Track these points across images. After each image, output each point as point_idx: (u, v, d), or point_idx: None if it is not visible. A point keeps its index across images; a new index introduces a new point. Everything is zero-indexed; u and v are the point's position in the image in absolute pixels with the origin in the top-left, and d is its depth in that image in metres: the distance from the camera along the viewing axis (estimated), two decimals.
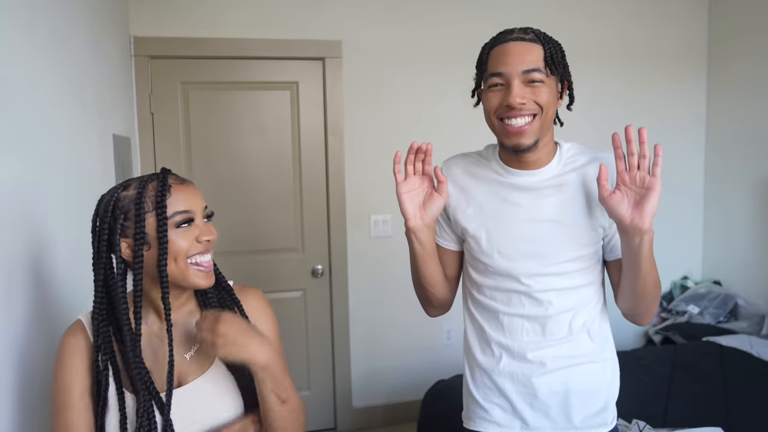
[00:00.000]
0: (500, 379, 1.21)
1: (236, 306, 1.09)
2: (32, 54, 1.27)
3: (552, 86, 1.12)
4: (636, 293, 1.13)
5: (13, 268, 1.11)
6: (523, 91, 1.09)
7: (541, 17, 3.01)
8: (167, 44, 2.61)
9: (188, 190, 1.00)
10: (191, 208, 0.99)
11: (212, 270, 1.02)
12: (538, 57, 1.10)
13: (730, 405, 2.11)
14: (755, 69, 3.01)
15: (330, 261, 2.89)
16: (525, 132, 1.11)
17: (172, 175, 1.01)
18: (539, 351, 1.18)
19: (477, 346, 1.25)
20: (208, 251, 1.01)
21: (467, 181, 1.24)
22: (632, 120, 3.20)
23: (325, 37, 2.78)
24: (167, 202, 0.96)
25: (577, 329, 1.18)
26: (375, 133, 2.88)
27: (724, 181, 3.24)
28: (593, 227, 1.16)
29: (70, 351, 0.99)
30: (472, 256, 1.23)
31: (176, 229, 0.97)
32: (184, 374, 1.02)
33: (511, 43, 1.12)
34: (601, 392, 1.21)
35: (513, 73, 1.10)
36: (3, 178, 1.08)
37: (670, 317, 3.21)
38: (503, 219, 1.18)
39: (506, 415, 1.21)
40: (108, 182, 1.96)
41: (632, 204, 1.05)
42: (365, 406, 2.99)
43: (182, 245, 0.97)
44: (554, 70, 1.12)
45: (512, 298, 1.19)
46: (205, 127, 2.72)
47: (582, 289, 1.18)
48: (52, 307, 1.31)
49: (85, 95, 1.71)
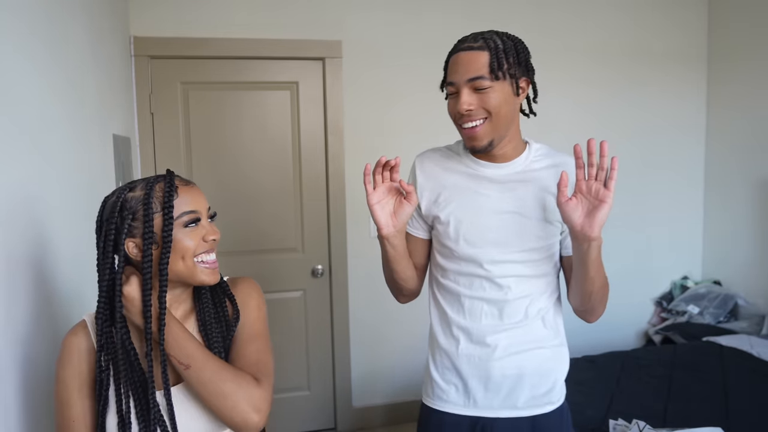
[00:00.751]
0: (458, 361, 1.31)
1: (228, 299, 1.11)
2: (32, 54, 1.27)
3: (502, 89, 1.19)
4: (584, 293, 1.22)
5: (12, 269, 1.11)
6: (470, 98, 1.19)
7: (541, 18, 3.01)
8: (167, 44, 2.61)
9: (193, 192, 1.04)
10: (197, 209, 1.03)
11: (217, 267, 1.05)
12: (483, 64, 1.17)
13: (730, 405, 2.11)
14: (755, 69, 3.01)
15: (330, 261, 2.89)
16: (477, 135, 1.21)
17: (176, 176, 1.03)
18: (496, 335, 1.28)
19: (440, 330, 1.35)
20: (214, 250, 1.05)
21: (439, 172, 1.33)
22: (633, 119, 3.21)
23: (325, 37, 2.78)
24: (174, 203, 0.99)
25: (532, 315, 1.28)
26: (375, 133, 2.88)
27: (724, 181, 3.25)
28: (551, 222, 1.26)
29: (71, 350, 1.01)
30: (439, 242, 1.33)
31: (183, 229, 1.00)
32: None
33: (461, 52, 1.20)
34: (549, 375, 1.31)
35: (460, 82, 1.19)
36: (3, 178, 1.08)
37: (670, 317, 3.21)
38: (471, 208, 1.27)
39: (460, 395, 1.32)
40: (108, 182, 1.96)
41: (585, 212, 1.12)
42: (365, 406, 2.99)
43: (189, 244, 1.01)
44: (501, 75, 1.18)
45: (474, 282, 1.28)
46: (205, 127, 2.72)
47: (539, 279, 1.29)
48: (54, 307, 1.31)
49: (85, 95, 1.71)
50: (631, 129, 3.21)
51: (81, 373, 1.00)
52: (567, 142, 3.09)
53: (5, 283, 1.07)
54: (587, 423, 2.00)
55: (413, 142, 2.87)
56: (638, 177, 3.24)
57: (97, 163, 1.81)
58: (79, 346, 1.02)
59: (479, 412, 1.31)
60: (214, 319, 1.08)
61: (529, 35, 3.01)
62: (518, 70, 1.21)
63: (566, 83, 3.08)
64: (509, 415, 1.30)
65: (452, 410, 1.33)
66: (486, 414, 1.31)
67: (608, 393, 2.24)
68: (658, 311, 3.33)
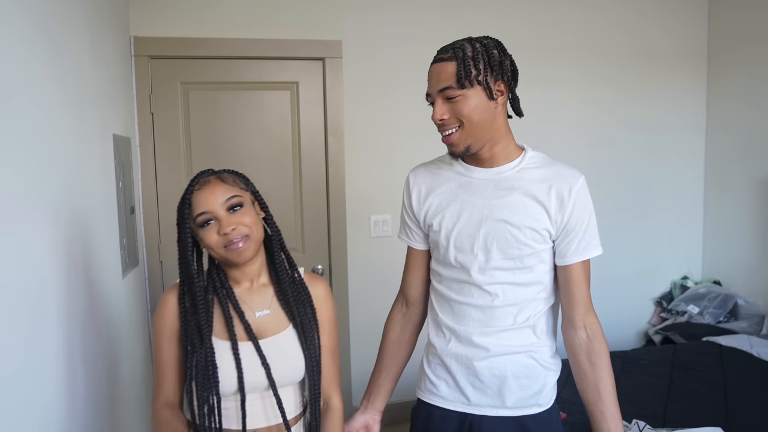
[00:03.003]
0: (447, 358, 1.35)
1: (304, 293, 1.29)
2: (32, 54, 1.27)
3: (473, 96, 1.21)
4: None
5: (11, 269, 1.11)
6: (443, 108, 1.23)
7: (541, 18, 3.02)
8: (167, 44, 2.61)
9: (205, 192, 1.18)
10: (208, 209, 1.17)
11: (242, 248, 1.18)
12: (450, 75, 1.20)
13: (730, 405, 2.11)
14: (755, 68, 3.01)
15: (330, 261, 2.90)
16: (452, 141, 1.25)
17: (204, 175, 1.21)
18: (484, 337, 1.30)
19: (432, 329, 1.41)
20: (235, 237, 1.17)
21: (431, 183, 1.37)
22: (633, 120, 3.21)
23: (325, 37, 2.78)
24: (191, 208, 1.18)
25: (521, 323, 1.29)
26: (375, 133, 2.88)
27: (724, 181, 3.25)
28: (538, 230, 1.25)
29: (165, 305, 1.23)
30: (434, 249, 1.38)
31: (201, 228, 1.18)
32: (261, 331, 1.23)
33: (434, 64, 1.25)
34: (538, 378, 1.31)
35: (433, 93, 1.24)
36: (3, 178, 1.08)
37: (670, 317, 3.21)
38: (460, 216, 1.30)
39: (450, 391, 1.35)
40: (108, 182, 1.96)
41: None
42: None
43: (209, 241, 1.18)
44: (468, 84, 1.20)
45: (464, 288, 1.31)
46: (205, 127, 2.72)
47: (528, 287, 1.29)
48: (53, 306, 1.31)
49: (85, 95, 1.71)
50: (631, 126, 3.21)
51: (171, 325, 1.22)
52: (567, 138, 3.10)
53: (5, 282, 1.07)
54: (587, 423, 1.99)
55: (413, 141, 2.88)
56: (638, 176, 3.25)
57: (97, 163, 1.81)
58: (172, 302, 1.23)
59: (468, 408, 1.33)
60: (293, 291, 1.28)
61: (530, 33, 3.04)
62: (490, 74, 1.21)
63: (565, 79, 3.08)
64: (497, 413, 1.31)
65: (442, 404, 1.36)
66: (475, 411, 1.32)
67: None
68: (658, 311, 3.33)
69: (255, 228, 1.20)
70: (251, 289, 1.27)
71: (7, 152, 1.11)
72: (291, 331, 1.25)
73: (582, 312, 1.29)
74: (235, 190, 1.20)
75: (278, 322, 1.25)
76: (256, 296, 1.26)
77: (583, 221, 1.26)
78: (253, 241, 1.19)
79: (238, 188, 1.21)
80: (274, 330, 1.24)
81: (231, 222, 1.16)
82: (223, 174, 1.23)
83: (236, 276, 1.25)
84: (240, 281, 1.26)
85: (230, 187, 1.20)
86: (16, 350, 1.10)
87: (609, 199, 3.19)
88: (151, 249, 2.69)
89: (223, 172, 1.24)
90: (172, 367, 1.22)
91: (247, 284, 1.27)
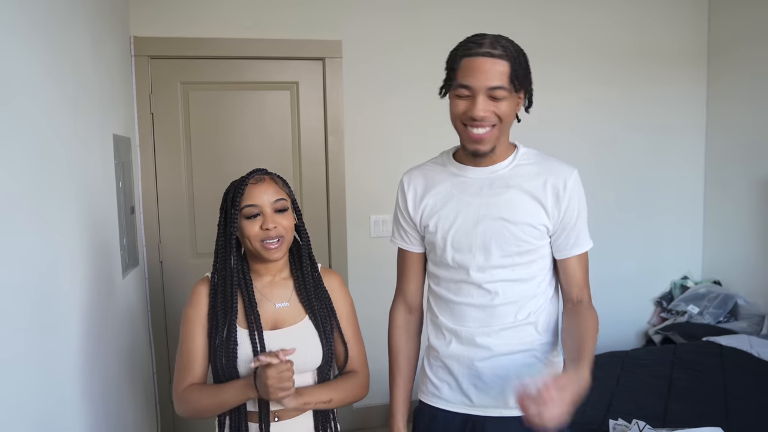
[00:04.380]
0: (448, 360, 1.35)
1: (321, 288, 1.39)
2: (32, 54, 1.27)
3: (514, 99, 1.21)
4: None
5: (10, 269, 1.11)
6: (486, 104, 1.18)
7: (540, 19, 3.01)
8: (167, 44, 2.61)
9: (258, 189, 1.28)
10: (257, 203, 1.28)
11: (277, 247, 1.29)
12: (503, 74, 1.16)
13: (730, 405, 2.11)
14: (755, 68, 3.01)
15: (330, 261, 2.89)
16: (484, 140, 1.21)
17: (259, 172, 1.31)
18: (486, 337, 1.29)
19: (432, 332, 1.41)
20: (275, 235, 1.28)
21: (426, 183, 1.36)
22: (633, 120, 3.20)
23: (325, 37, 2.78)
24: (242, 198, 1.27)
25: (522, 320, 1.29)
26: (375, 133, 2.88)
27: (724, 181, 3.24)
28: (535, 226, 1.26)
29: (197, 295, 1.33)
30: (431, 251, 1.37)
31: (246, 219, 1.28)
32: (280, 320, 1.33)
33: (480, 57, 1.17)
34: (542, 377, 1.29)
35: (479, 89, 1.17)
36: (3, 178, 1.08)
37: (670, 317, 3.21)
38: (456, 216, 1.29)
39: (453, 393, 1.35)
40: (108, 182, 1.96)
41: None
42: (365, 406, 2.98)
43: (250, 232, 1.28)
44: (518, 87, 1.19)
45: (462, 288, 1.31)
46: (205, 127, 2.72)
47: (527, 283, 1.29)
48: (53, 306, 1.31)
49: (86, 95, 1.71)
50: (634, 126, 3.21)
51: (204, 315, 1.31)
52: (570, 139, 3.10)
53: (5, 283, 1.07)
54: (587, 423, 2.00)
55: (413, 141, 2.87)
56: (641, 177, 3.24)
57: (97, 163, 1.81)
58: (203, 292, 1.33)
59: (471, 410, 1.33)
60: (313, 287, 1.38)
61: (531, 33, 3.03)
62: (526, 82, 1.22)
63: (566, 78, 3.08)
64: (501, 414, 1.31)
65: (444, 407, 1.36)
66: (478, 412, 1.32)
67: (608, 393, 2.24)
68: (658, 311, 3.33)
69: (290, 233, 1.32)
70: (273, 282, 1.37)
71: (7, 152, 1.11)
72: (308, 321, 1.34)
73: (576, 291, 1.31)
74: (283, 194, 1.32)
75: (296, 314, 1.35)
76: (277, 289, 1.36)
77: (578, 214, 1.27)
78: (285, 243, 1.32)
79: (285, 193, 1.33)
80: (292, 321, 1.34)
81: (275, 221, 1.28)
82: (276, 177, 1.34)
83: (260, 270, 1.35)
84: (263, 275, 1.36)
85: (280, 189, 1.32)
86: (15, 349, 1.10)
87: (613, 200, 3.17)
88: (151, 249, 2.69)
89: (275, 175, 1.35)
90: (201, 354, 1.31)
91: (269, 278, 1.37)
